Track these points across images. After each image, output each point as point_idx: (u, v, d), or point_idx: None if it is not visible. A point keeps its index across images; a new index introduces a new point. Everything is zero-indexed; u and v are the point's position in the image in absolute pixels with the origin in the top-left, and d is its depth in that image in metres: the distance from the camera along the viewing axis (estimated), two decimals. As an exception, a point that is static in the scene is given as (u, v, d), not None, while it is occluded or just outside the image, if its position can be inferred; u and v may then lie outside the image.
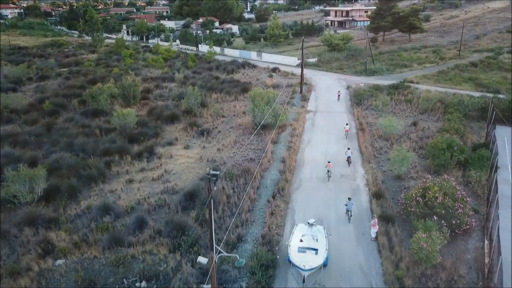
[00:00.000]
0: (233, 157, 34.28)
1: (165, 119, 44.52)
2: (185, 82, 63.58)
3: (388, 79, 68.17)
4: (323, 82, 66.91)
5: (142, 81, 65.51)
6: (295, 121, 44.30)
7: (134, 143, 37.32)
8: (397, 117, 45.19)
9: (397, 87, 57.29)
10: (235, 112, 48.43)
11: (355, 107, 49.91)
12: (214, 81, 64.62)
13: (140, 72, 73.52)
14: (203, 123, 44.03)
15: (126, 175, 31.23)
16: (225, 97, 55.16)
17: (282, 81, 66.88)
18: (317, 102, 53.54)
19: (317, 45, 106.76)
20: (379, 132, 39.73)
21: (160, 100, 54.40)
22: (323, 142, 38.25)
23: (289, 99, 54.55)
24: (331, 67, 78.72)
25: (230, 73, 73.98)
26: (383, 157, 34.11)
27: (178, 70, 74.33)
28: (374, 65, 74.96)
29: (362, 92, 53.83)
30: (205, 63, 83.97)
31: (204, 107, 49.86)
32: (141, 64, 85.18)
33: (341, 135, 40.03)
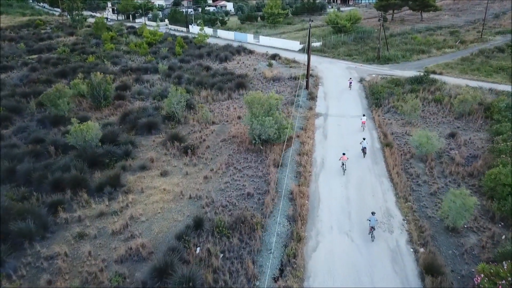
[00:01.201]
0: (225, 190, 25.80)
1: (141, 128, 35.72)
2: (170, 74, 54.29)
3: (405, 68, 59.21)
4: (331, 72, 57.77)
5: (121, 73, 56.19)
6: (303, 130, 35.62)
7: (96, 169, 28.67)
8: (427, 124, 36.65)
9: (421, 81, 48.34)
10: (228, 116, 39.61)
11: (373, 109, 41.13)
12: (204, 73, 55.34)
13: (119, 61, 63.96)
14: (188, 134, 35.28)
15: (77, 224, 22.75)
16: (217, 95, 46.14)
17: (284, 71, 57.79)
18: (327, 101, 44.66)
19: (320, 26, 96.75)
20: (410, 148, 31.25)
21: (138, 99, 45.34)
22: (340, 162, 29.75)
23: (293, 96, 45.61)
24: (338, 53, 69.34)
25: (223, 61, 64.55)
26: (424, 190, 25.71)
27: (163, 59, 64.77)
28: (389, 51, 65.60)
29: (380, 89, 44.91)
30: (195, 48, 74.27)
31: (191, 109, 40.98)
32: (122, 49, 75.36)
33: (362, 150, 31.68)
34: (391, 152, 30.65)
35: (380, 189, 26.12)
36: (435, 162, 29.07)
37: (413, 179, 27.03)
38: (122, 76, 55.00)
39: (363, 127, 36.12)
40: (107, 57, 65.93)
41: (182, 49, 69.98)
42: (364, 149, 30.60)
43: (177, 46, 69.34)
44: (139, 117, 37.36)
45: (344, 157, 28.23)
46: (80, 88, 43.67)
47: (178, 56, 67.26)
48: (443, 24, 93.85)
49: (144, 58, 67.16)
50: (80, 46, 76.49)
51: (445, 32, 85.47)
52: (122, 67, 58.39)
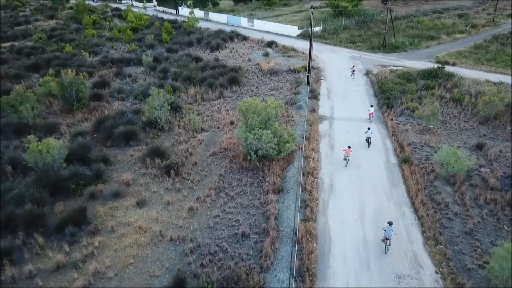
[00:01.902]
0: (214, 228, 21.09)
1: (117, 139, 30.62)
2: (155, 67, 48.66)
3: (414, 57, 54.08)
4: (334, 64, 52.43)
5: (100, 65, 50.45)
6: (306, 140, 30.72)
7: (59, 197, 23.74)
8: (448, 130, 31.88)
9: (435, 75, 43.27)
10: (219, 121, 34.54)
11: (384, 110, 36.18)
12: (193, 65, 49.75)
13: (100, 50, 57.98)
14: (172, 146, 30.26)
15: (26, 283, 17.99)
16: (207, 93, 40.83)
17: (281, 61, 52.41)
18: (332, 100, 39.59)
19: (318, 8, 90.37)
20: (432, 165, 26.57)
21: (118, 99, 39.97)
22: (353, 184, 25.06)
23: (293, 94, 40.48)
24: (340, 40, 63.72)
25: (215, 50, 58.79)
26: (456, 226, 21.15)
27: (148, 47, 58.85)
28: (395, 38, 60.08)
29: (390, 86, 39.82)
30: (184, 34, 68.16)
31: (177, 112, 35.82)
32: (105, 36, 69.08)
33: (377, 165, 26.99)
34: (411, 171, 25.94)
35: (402, 223, 21.53)
36: (465, 186, 24.42)
37: (442, 209, 22.42)
38: (102, 69, 49.32)
39: (370, 118, 34.22)
40: (86, 45, 59.86)
41: (170, 36, 63.94)
42: (369, 139, 29.69)
43: (164, 32, 63.25)
44: (116, 124, 32.16)
45: (348, 151, 27.03)
46: (51, 86, 38.18)
47: (165, 44, 61.32)
48: (450, 5, 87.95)
49: (128, 47, 61.18)
50: (58, 32, 70.01)
51: (453, 14, 79.73)
52: (102, 58, 52.54)
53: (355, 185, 25.11)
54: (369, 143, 29.79)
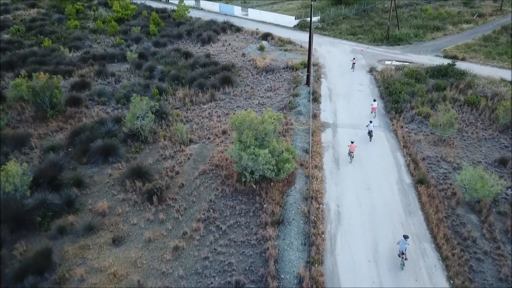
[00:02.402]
0: (202, 275, 17.80)
1: (95, 154, 27.01)
2: (140, 64, 44.64)
3: (420, 51, 50.53)
4: (334, 59, 48.70)
5: (81, 62, 46.32)
6: (307, 154, 27.29)
7: (22, 232, 20.27)
8: (465, 141, 28.60)
9: (445, 73, 39.78)
10: (210, 129, 30.98)
11: (393, 116, 32.74)
12: (183, 61, 45.77)
13: (82, 45, 53.64)
14: (156, 163, 26.72)
15: None
16: (197, 95, 37.10)
17: (278, 56, 48.68)
18: (334, 103, 36.05)
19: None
20: (452, 187, 23.36)
21: (99, 103, 36.16)
22: (363, 211, 21.81)
23: (291, 96, 36.89)
24: (339, 31, 59.74)
25: (206, 43, 54.68)
26: (488, 270, 18.01)
27: (134, 41, 54.60)
28: (399, 30, 56.23)
29: (398, 87, 36.29)
30: (174, 25, 63.74)
31: (163, 119, 32.18)
32: (89, 27, 64.49)
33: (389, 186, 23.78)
34: (429, 194, 22.71)
35: (423, 265, 18.37)
36: (492, 214, 21.24)
37: (469, 246, 19.26)
38: (83, 66, 45.23)
39: (374, 113, 32.96)
40: (67, 39, 55.46)
41: (158, 28, 59.56)
42: (371, 132, 29.13)
43: (152, 24, 58.84)
44: (94, 137, 28.51)
45: (352, 146, 26.36)
46: (23, 90, 34.24)
47: (153, 36, 57.05)
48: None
49: (112, 39, 56.85)
50: (39, 24, 65.20)
51: (458, 2, 75.69)
52: (84, 55, 48.34)
53: (366, 212, 21.85)
54: (371, 136, 29.18)
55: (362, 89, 39.04)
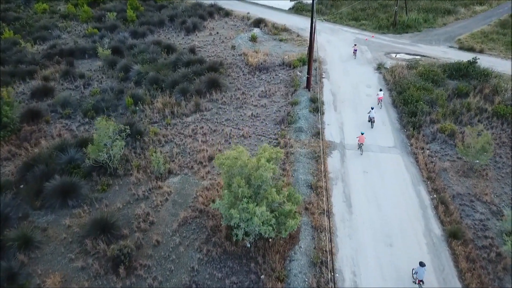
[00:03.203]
0: None
1: (50, 196, 21.83)
2: (114, 61, 38.62)
3: (431, 39, 45.37)
4: (336, 50, 43.12)
5: (46, 59, 40.16)
6: (312, 190, 22.38)
7: None
8: (500, 169, 23.85)
9: (465, 72, 34.60)
10: (194, 153, 25.81)
11: (411, 133, 27.66)
12: (163, 57, 39.77)
13: (49, 35, 47.06)
14: (127, 207, 21.66)
15: None
16: (179, 105, 31.58)
17: (273, 48, 43.29)
18: (339, 113, 30.86)
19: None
20: (493, 241, 18.78)
21: (63, 116, 30.57)
22: (387, 282, 17.20)
23: (289, 104, 31.58)
24: (340, 16, 53.54)
25: (191, 32, 48.42)
26: None
27: (109, 30, 48.12)
28: (408, 15, 50.30)
29: (414, 94, 31.07)
30: (155, 9, 56.96)
31: (136, 140, 26.85)
32: (59, 11, 57.45)
33: (416, 239, 19.15)
34: (467, 257, 18.10)
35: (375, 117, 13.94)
36: (551, 288, 16.75)
37: None
38: (48, 65, 39.15)
39: (380, 104, 31.21)
40: (33, 28, 48.73)
41: (136, 13, 52.86)
42: (373, 119, 28.40)
43: (129, 9, 52.08)
44: (51, 170, 23.24)
45: (362, 138, 25.51)
46: (-31, 103, 28.48)
47: (130, 24, 50.52)
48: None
49: (85, 27, 50.26)
50: (2, 7, 57.89)
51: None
52: (49, 50, 42.03)
53: (389, 281, 17.23)
54: (373, 122, 28.42)
55: (371, 92, 33.77)
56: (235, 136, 27.79)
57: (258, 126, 29.05)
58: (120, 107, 31.64)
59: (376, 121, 29.11)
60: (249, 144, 26.87)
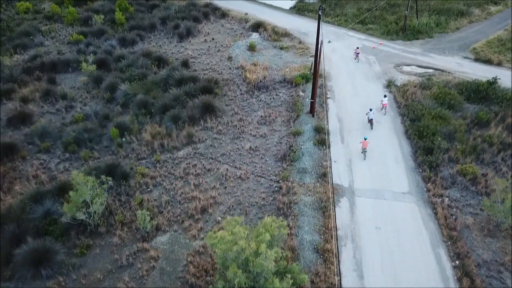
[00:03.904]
0: None
1: (21, 266, 19.15)
2: (100, 78, 35.31)
3: (444, 48, 42.37)
4: (342, 61, 40.02)
5: (25, 74, 36.86)
6: (319, 254, 19.74)
7: None
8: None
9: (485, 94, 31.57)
10: (185, 203, 23.06)
11: (427, 175, 24.81)
12: (153, 73, 36.40)
13: (30, 43, 43.44)
14: (109, 275, 19.02)
15: None
16: (169, 136, 28.53)
17: (273, 58, 40.54)
18: (347, 146, 27.91)
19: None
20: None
21: (40, 151, 27.60)
22: None
23: (291, 134, 28.60)
24: (345, 18, 49.82)
25: (184, 39, 44.83)
26: None
27: (96, 36, 44.49)
28: (418, 19, 46.64)
29: (429, 123, 28.10)
30: (146, 8, 52.99)
31: (120, 185, 24.00)
32: (43, 10, 53.52)
33: None
34: None
35: None
36: None
37: None
38: (28, 81, 35.87)
39: (384, 110, 31.21)
40: (13, 33, 45.01)
41: (126, 14, 49.00)
42: (371, 120, 29.24)
43: (118, 11, 48.19)
44: (22, 232, 20.49)
45: (365, 143, 26.17)
46: None
47: (119, 27, 46.82)
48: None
49: (70, 31, 46.60)
50: (-19, 7, 54.03)
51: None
52: (28, 63, 38.56)
53: None
54: (372, 124, 29.20)
55: (381, 117, 30.74)
56: (232, 178, 24.93)
57: (257, 163, 26.18)
58: (105, 138, 28.69)
59: (389, 157, 26.32)
60: (247, 188, 24.07)
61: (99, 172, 23.83)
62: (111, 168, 24.46)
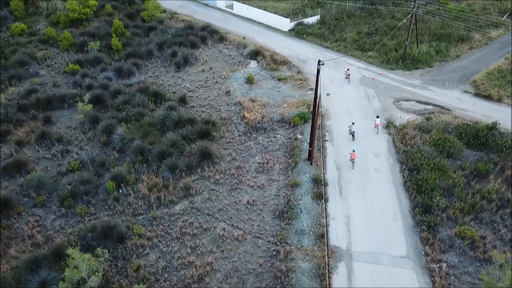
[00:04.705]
0: None
1: None
2: (96, 118, 34.87)
3: (444, 80, 42.80)
4: (341, 95, 40.34)
5: (20, 112, 36.43)
6: (316, 337, 19.70)
7: None
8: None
9: (485, 140, 31.35)
10: (181, 269, 22.97)
11: (425, 237, 24.68)
12: (149, 112, 35.94)
13: (26, 73, 42.88)
14: None
15: None
16: (166, 189, 28.25)
17: (270, 92, 40.54)
18: (345, 200, 27.70)
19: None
20: None
21: (35, 205, 27.35)
22: None
23: (289, 188, 28.40)
24: (344, 44, 49.32)
25: (182, 68, 44.30)
26: None
27: (92, 65, 44.00)
28: (418, 47, 46.18)
29: (428, 176, 27.95)
30: (143, 31, 52.25)
31: (119, 245, 23.88)
32: (38, 32, 52.81)
33: None
34: None
35: None
36: None
37: None
38: (23, 120, 35.46)
39: (377, 129, 34.12)
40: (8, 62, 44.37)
41: (122, 39, 48.37)
42: (353, 133, 32.76)
43: (114, 37, 47.52)
44: (17, 307, 20.36)
45: (354, 154, 29.71)
46: None
47: (115, 53, 46.24)
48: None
49: (66, 58, 46.05)
50: (-24, 28, 53.27)
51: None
52: (25, 99, 38.07)
53: None
54: (354, 136, 32.81)
55: (380, 165, 30.56)
56: (229, 239, 24.79)
57: (254, 221, 26.00)
58: (101, 190, 28.43)
59: (388, 214, 26.25)
60: (244, 252, 23.95)
61: (95, 235, 23.72)
62: (107, 230, 24.26)
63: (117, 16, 56.11)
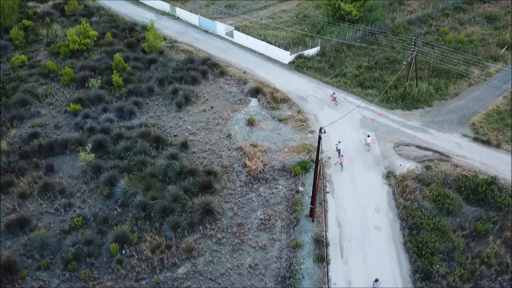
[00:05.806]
0: None
1: None
2: (98, 167, 34.98)
3: (444, 121, 43.31)
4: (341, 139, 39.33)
5: (22, 159, 36.48)
6: None
7: None
8: None
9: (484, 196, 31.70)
10: None
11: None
12: (151, 160, 36.12)
13: (27, 113, 42.95)
14: None
15: None
16: (169, 250, 28.55)
17: (271, 135, 40.76)
18: (346, 262, 28.11)
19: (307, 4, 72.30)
20: None
21: (39, 268, 27.57)
22: None
23: (291, 249, 28.71)
24: (344, 79, 49.55)
25: (182, 107, 44.44)
26: None
27: (93, 102, 44.15)
28: (418, 87, 46.53)
29: (428, 239, 28.37)
30: (143, 63, 52.30)
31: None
32: (39, 65, 52.79)
33: None
34: None
35: None
36: None
37: None
38: (24, 168, 35.58)
39: (368, 147, 37.41)
40: (9, 100, 44.39)
41: (123, 75, 48.45)
42: (339, 150, 35.91)
43: (116, 73, 47.58)
44: None
45: (342, 159, 34.66)
46: None
47: (116, 91, 46.35)
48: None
49: (67, 94, 46.15)
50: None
51: (480, 18, 64.38)
52: (25, 144, 38.20)
53: None
54: (339, 153, 35.71)
55: (380, 221, 30.92)
56: (232, 309, 25.11)
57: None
58: (104, 251, 28.67)
59: (388, 280, 26.53)
60: (247, 324, 24.24)
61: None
62: (112, 301, 24.51)
63: (117, 45, 56.22)
